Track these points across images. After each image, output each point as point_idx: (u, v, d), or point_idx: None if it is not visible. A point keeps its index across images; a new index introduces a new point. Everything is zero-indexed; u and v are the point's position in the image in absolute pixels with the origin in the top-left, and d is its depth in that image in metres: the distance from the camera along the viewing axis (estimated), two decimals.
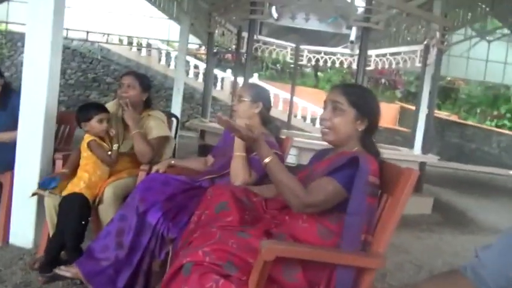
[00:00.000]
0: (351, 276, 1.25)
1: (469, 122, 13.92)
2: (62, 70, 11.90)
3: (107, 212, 1.93)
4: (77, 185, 1.97)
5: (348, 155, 1.35)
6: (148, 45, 12.59)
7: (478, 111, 14.75)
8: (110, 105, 2.37)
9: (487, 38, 7.32)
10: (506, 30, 7.68)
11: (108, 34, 11.18)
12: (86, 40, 11.70)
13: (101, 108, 2.14)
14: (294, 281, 1.22)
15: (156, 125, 2.28)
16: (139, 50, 12.80)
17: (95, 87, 11.93)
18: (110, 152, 2.06)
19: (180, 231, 1.57)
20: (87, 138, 2.05)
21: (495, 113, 14.39)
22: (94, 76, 12.16)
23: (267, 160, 1.37)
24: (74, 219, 1.89)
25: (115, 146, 2.09)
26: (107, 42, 11.94)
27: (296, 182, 1.34)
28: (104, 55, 12.55)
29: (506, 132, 13.48)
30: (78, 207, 1.90)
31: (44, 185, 1.97)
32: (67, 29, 10.04)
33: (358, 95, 1.42)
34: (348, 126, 1.41)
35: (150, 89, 2.38)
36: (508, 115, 14.17)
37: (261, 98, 1.98)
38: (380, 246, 1.33)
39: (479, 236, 4.13)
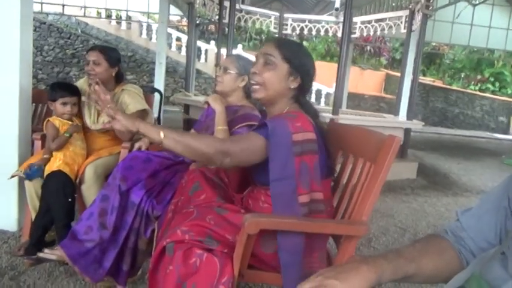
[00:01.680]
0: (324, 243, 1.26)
1: (453, 87, 14.06)
2: (39, 46, 11.56)
3: (89, 192, 1.91)
4: (54, 163, 1.95)
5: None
6: (128, 18, 12.18)
7: (462, 76, 14.86)
8: (81, 82, 2.28)
9: (472, 1, 7.25)
10: None
11: (85, 7, 10.74)
12: (62, 14, 11.24)
13: (68, 90, 2.08)
14: (272, 251, 1.24)
15: (131, 100, 2.20)
16: (118, 23, 12.39)
17: (75, 64, 11.59)
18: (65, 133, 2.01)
19: (165, 208, 1.56)
20: (52, 118, 2.03)
21: (479, 77, 14.53)
22: (73, 52, 11.78)
23: (162, 136, 1.17)
24: (60, 196, 1.87)
25: (71, 127, 2.02)
26: (84, 16, 11.50)
27: (204, 135, 1.26)
28: (82, 29, 12.14)
29: (489, 95, 13.67)
30: (61, 184, 1.88)
31: (30, 176, 1.94)
32: (41, 3, 9.60)
33: (292, 50, 1.32)
34: (279, 83, 1.31)
35: (120, 63, 2.26)
36: (492, 79, 14.33)
37: (247, 71, 1.94)
38: (363, 214, 1.34)
39: (462, 197, 4.26)
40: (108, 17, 12.35)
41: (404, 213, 3.43)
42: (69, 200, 1.88)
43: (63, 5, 9.85)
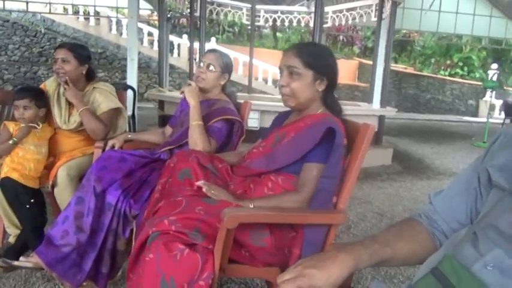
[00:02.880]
0: (321, 236, 1.28)
1: (424, 73, 14.38)
2: (3, 46, 11.09)
3: (63, 195, 1.85)
4: (2, 170, 1.89)
5: (317, 124, 1.33)
6: (96, 14, 11.83)
7: (433, 61, 15.23)
8: (50, 82, 2.20)
9: None
10: None
11: (51, 3, 10.36)
12: (27, 11, 10.81)
13: (18, 93, 2.00)
14: (262, 245, 1.24)
15: (104, 98, 2.13)
16: (86, 19, 12.01)
17: (43, 62, 11.19)
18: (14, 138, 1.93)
19: (143, 206, 1.54)
20: (7, 122, 1.98)
21: (448, 62, 14.92)
22: (40, 50, 11.37)
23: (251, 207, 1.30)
24: (17, 205, 1.84)
25: (18, 132, 1.94)
26: (50, 13, 11.08)
27: (284, 195, 1.32)
28: (48, 27, 11.70)
29: (459, 80, 14.08)
30: (13, 193, 1.83)
31: None
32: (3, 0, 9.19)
33: (312, 55, 1.35)
34: (308, 90, 1.37)
35: (90, 60, 2.18)
36: (460, 64, 14.74)
37: (228, 69, 1.93)
38: (341, 202, 1.36)
39: (435, 180, 4.39)
40: (76, 13, 11.94)
41: (381, 199, 3.51)
42: (27, 206, 1.83)
43: (27, 2, 9.46)
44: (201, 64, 1.90)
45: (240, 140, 1.93)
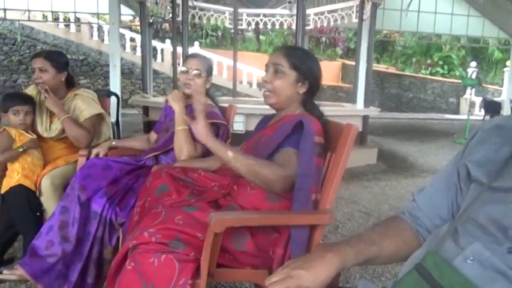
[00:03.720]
0: (306, 235, 1.29)
1: (406, 73, 14.64)
2: None
3: (48, 203, 1.83)
4: (13, 178, 1.86)
5: (291, 120, 1.36)
6: (77, 20, 11.67)
7: (414, 61, 15.50)
8: (30, 90, 2.17)
9: None
10: None
11: (29, 11, 10.18)
12: (4, 19, 10.59)
13: (18, 99, 1.99)
14: (244, 249, 1.24)
15: (85, 105, 2.11)
16: (67, 26, 11.84)
17: (22, 71, 10.98)
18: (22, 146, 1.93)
19: (129, 214, 1.53)
20: (8, 127, 1.95)
21: (429, 61, 15.22)
22: (19, 58, 11.16)
23: (230, 155, 1.26)
24: (26, 212, 1.81)
25: (28, 142, 1.95)
26: (28, 20, 10.90)
27: (267, 161, 1.30)
28: (27, 34, 11.49)
29: (439, 79, 14.38)
30: (25, 200, 1.81)
31: None
32: None
33: (299, 58, 1.41)
34: (288, 89, 1.41)
35: (68, 67, 2.16)
36: (440, 62, 15.05)
37: (211, 73, 1.94)
38: (327, 203, 1.37)
39: (420, 178, 4.46)
40: (55, 20, 11.76)
41: (367, 198, 3.55)
42: (38, 214, 1.82)
43: (5, 10, 9.28)
44: (183, 69, 1.89)
45: (225, 143, 1.93)
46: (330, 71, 13.47)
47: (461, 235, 0.76)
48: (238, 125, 4.19)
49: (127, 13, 8.51)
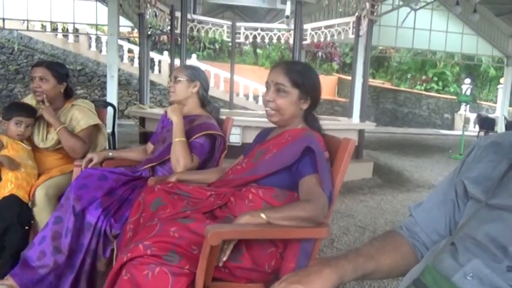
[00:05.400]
0: (310, 248, 1.29)
1: (401, 88, 14.78)
2: None
3: (41, 215, 1.80)
4: (5, 188, 1.83)
5: (296, 139, 1.37)
6: (76, 31, 11.73)
7: (409, 77, 15.67)
8: (28, 99, 2.16)
9: (414, 6, 7.73)
10: None
11: (28, 20, 10.23)
12: (3, 28, 10.63)
13: (24, 110, 1.98)
14: (239, 262, 1.23)
15: (83, 115, 2.11)
16: (65, 36, 11.89)
17: (19, 80, 10.97)
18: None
19: (124, 225, 1.51)
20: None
21: (424, 77, 15.38)
22: (17, 68, 11.16)
23: (264, 218, 1.19)
24: (15, 225, 1.75)
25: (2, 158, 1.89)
26: (27, 30, 10.94)
27: (294, 202, 1.29)
28: (25, 44, 11.52)
29: (434, 94, 14.53)
30: (16, 213, 1.77)
31: None
32: None
33: (300, 75, 1.41)
34: (292, 107, 1.42)
35: (68, 78, 2.16)
36: (435, 79, 15.23)
37: (198, 77, 1.94)
38: (325, 217, 1.37)
39: (415, 193, 4.47)
40: (54, 30, 11.82)
41: (363, 212, 3.54)
42: (26, 228, 1.78)
43: (3, 19, 9.32)
44: (169, 79, 1.96)
45: (222, 154, 1.93)
46: (326, 85, 13.56)
47: (460, 252, 0.75)
48: (235, 137, 4.19)
49: (126, 25, 8.58)
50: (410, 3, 7.59)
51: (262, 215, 1.19)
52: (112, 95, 5.63)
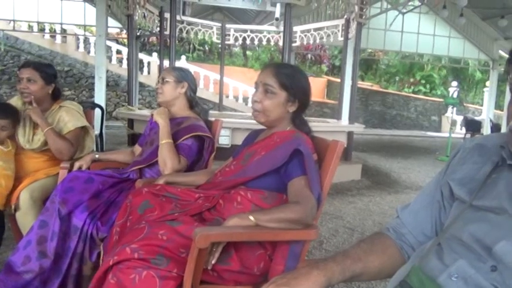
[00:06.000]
0: (299, 250, 1.29)
1: (390, 90, 14.95)
2: None
3: (25, 219, 1.76)
4: None
5: (285, 142, 1.37)
6: (63, 31, 11.59)
7: (397, 79, 15.86)
8: (14, 101, 2.12)
9: (402, 10, 7.83)
10: (417, 2, 8.25)
11: (14, 21, 10.08)
12: None
13: (4, 113, 1.93)
14: (228, 265, 1.22)
15: (70, 117, 2.08)
16: (52, 36, 11.74)
17: (5, 81, 10.78)
18: None
19: (111, 229, 1.49)
20: None
21: (411, 80, 15.58)
22: (2, 68, 10.97)
23: (253, 220, 1.19)
24: None
25: None
26: (13, 30, 10.77)
27: (284, 205, 1.28)
28: (11, 44, 11.34)
29: (422, 97, 14.73)
30: None
31: None
32: None
33: (289, 77, 1.40)
34: (278, 109, 1.41)
35: (56, 79, 2.13)
36: (423, 81, 15.44)
37: (185, 78, 1.93)
38: (314, 219, 1.37)
39: (403, 194, 4.51)
40: (41, 30, 11.66)
41: (352, 214, 3.56)
42: None
43: None
44: (157, 82, 1.94)
45: (210, 156, 1.92)
46: (315, 87, 13.63)
47: (446, 252, 0.76)
48: (224, 139, 4.18)
49: (114, 26, 8.50)
50: (399, 6, 7.68)
51: (251, 217, 1.18)
52: (100, 96, 5.58)
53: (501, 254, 0.68)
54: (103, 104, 5.14)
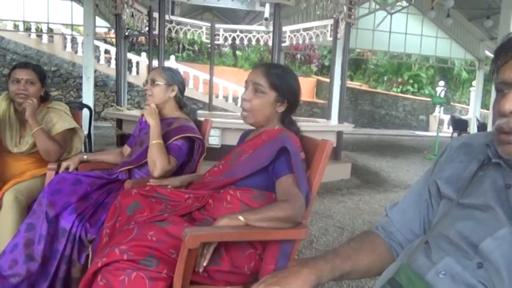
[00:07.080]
0: (289, 249, 1.30)
1: (378, 90, 15.09)
2: None
3: (6, 219, 1.71)
4: None
5: (272, 140, 1.37)
6: (50, 31, 11.43)
7: (385, 79, 16.00)
8: None
9: (390, 10, 7.91)
10: (405, 3, 8.34)
11: (0, 20, 9.91)
12: None
13: None
14: (218, 265, 1.22)
15: (58, 118, 2.05)
16: (39, 36, 11.57)
17: None
18: None
19: (99, 230, 1.47)
20: None
21: (400, 80, 15.74)
22: None
23: (243, 220, 1.19)
24: None
25: None
26: None
27: (273, 203, 1.27)
28: None
29: (410, 96, 14.89)
30: None
31: None
32: None
33: (279, 78, 1.40)
34: (267, 109, 1.41)
35: (46, 81, 2.12)
36: (411, 81, 15.60)
37: (176, 81, 1.91)
38: (303, 218, 1.38)
39: (392, 193, 4.55)
40: (27, 30, 11.48)
41: (342, 213, 3.58)
42: None
43: None
44: (146, 82, 1.89)
45: (201, 157, 1.92)
46: (305, 87, 13.70)
47: (434, 250, 0.77)
48: (214, 139, 4.17)
49: (102, 25, 8.42)
50: (387, 7, 7.76)
51: (241, 217, 1.18)
52: (88, 96, 5.51)
53: (487, 252, 0.69)
54: (91, 105, 5.08)
